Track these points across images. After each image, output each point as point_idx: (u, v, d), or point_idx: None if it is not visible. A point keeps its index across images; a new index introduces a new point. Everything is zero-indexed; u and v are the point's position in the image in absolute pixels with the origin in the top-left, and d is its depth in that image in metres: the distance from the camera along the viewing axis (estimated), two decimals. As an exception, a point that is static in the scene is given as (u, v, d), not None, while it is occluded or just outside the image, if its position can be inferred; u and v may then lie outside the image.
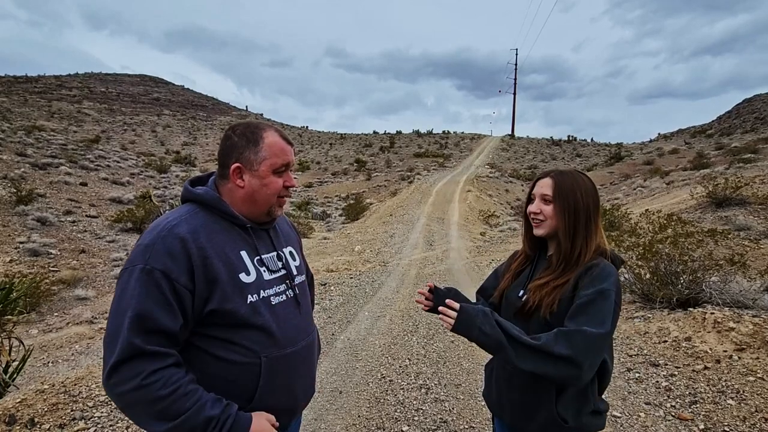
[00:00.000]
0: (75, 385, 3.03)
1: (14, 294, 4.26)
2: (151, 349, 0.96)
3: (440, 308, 1.21)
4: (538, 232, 1.28)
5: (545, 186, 1.26)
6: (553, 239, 1.29)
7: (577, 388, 1.18)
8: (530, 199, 1.32)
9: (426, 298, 1.38)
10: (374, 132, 58.97)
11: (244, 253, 1.13)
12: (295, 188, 1.21)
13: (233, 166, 1.14)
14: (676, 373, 3.21)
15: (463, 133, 56.73)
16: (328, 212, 20.40)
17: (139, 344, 0.95)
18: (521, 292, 1.29)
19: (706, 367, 3.16)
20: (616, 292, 1.13)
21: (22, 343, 3.53)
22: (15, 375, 3.24)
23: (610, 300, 1.11)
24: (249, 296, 1.10)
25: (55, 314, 7.19)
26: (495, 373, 1.36)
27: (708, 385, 2.96)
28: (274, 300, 1.16)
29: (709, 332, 3.54)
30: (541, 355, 1.08)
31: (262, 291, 1.13)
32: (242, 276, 1.10)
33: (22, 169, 14.48)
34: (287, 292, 1.21)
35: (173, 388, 0.96)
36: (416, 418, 2.85)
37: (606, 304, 1.10)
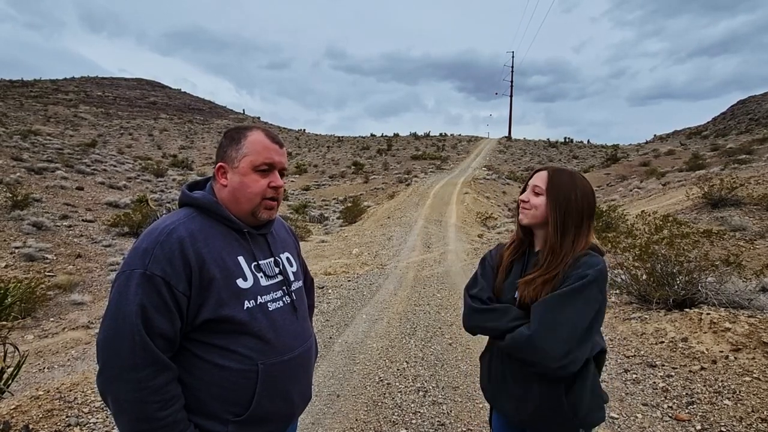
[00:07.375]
0: (70, 390, 3.01)
1: (9, 299, 4.23)
2: (154, 357, 0.97)
3: None
4: (522, 220, 1.34)
5: (539, 178, 1.30)
6: (540, 232, 1.32)
7: (583, 379, 1.18)
8: (525, 189, 1.37)
9: None
10: (372, 135, 58.94)
11: (241, 259, 1.12)
12: (282, 188, 1.19)
13: (217, 166, 1.16)
14: (673, 373, 3.21)
15: (460, 135, 56.88)
16: (325, 215, 20.37)
17: (142, 349, 0.95)
18: (516, 294, 1.29)
19: (702, 368, 3.16)
20: (598, 277, 1.14)
21: (17, 349, 3.50)
22: (10, 381, 3.22)
23: (587, 280, 1.13)
24: (246, 302, 1.09)
25: (51, 319, 7.13)
26: (490, 363, 1.38)
27: (705, 386, 2.97)
28: (271, 306, 1.15)
29: (705, 333, 3.55)
30: (494, 315, 1.24)
31: (259, 297, 1.12)
32: (239, 282, 1.09)
33: (18, 174, 14.39)
34: (284, 299, 1.20)
35: (168, 413, 0.98)
36: (414, 421, 2.84)
37: (581, 284, 1.13)
